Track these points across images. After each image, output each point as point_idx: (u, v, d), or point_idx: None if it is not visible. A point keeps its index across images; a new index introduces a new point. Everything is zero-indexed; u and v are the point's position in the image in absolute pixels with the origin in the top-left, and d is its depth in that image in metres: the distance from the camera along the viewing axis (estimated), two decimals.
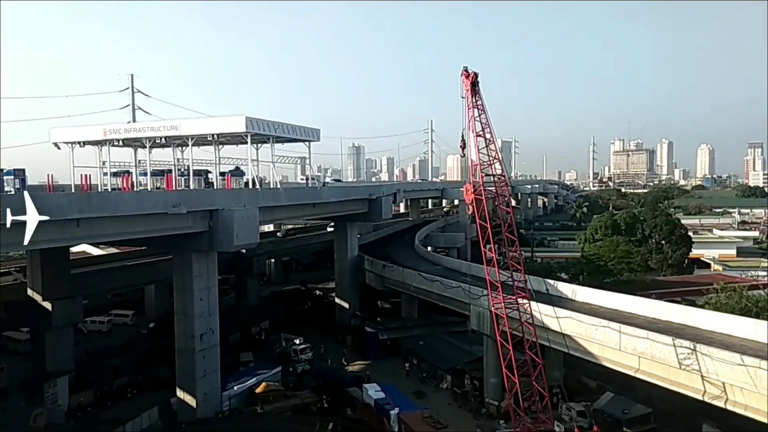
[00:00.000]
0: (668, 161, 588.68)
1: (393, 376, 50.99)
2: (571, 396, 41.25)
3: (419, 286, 58.65)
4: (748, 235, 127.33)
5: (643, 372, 33.40)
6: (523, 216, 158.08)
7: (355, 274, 71.19)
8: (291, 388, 48.12)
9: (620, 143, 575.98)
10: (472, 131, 32.18)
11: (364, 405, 42.94)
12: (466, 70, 32.16)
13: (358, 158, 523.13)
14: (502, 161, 33.44)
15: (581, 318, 36.76)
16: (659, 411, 40.79)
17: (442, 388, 50.03)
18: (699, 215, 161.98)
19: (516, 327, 32.01)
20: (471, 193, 32.17)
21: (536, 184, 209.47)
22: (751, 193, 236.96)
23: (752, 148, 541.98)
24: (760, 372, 26.23)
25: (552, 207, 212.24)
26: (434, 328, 60.75)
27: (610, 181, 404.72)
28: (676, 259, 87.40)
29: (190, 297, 41.44)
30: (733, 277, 71.13)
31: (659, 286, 68.64)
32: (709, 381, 29.01)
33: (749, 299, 53.76)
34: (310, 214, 64.14)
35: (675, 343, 30.45)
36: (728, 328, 33.52)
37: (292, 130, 55.62)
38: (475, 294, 46.16)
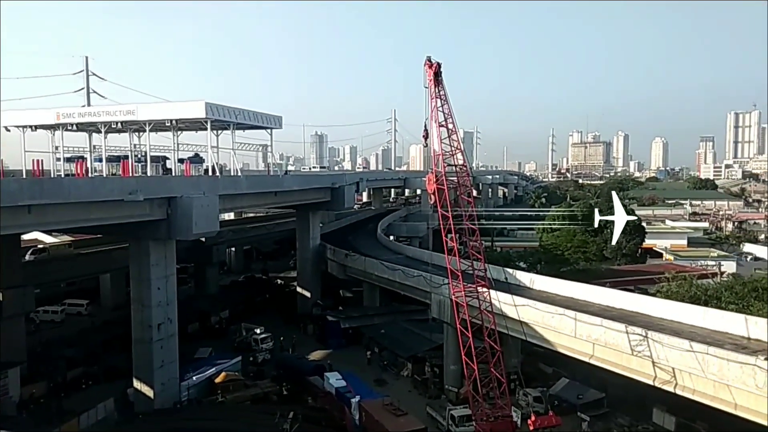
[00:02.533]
0: (624, 153, 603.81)
1: (354, 365, 51.17)
2: (528, 382, 42.26)
3: (381, 275, 58.90)
4: (698, 226, 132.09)
5: (597, 358, 34.42)
6: (484, 206, 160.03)
7: (317, 263, 70.95)
8: (251, 377, 47.80)
9: (578, 135, 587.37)
10: (435, 121, 32.31)
11: (325, 393, 43.00)
12: (429, 60, 32.21)
13: (320, 147, 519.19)
14: (464, 152, 33.70)
15: (538, 306, 37.58)
16: (612, 396, 42.22)
17: (402, 375, 50.48)
18: (652, 206, 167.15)
19: (476, 315, 32.50)
20: (433, 183, 32.35)
21: (497, 174, 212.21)
22: (702, 186, 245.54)
23: (704, 141, 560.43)
24: (708, 358, 27.30)
25: (512, 197, 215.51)
26: (396, 316, 61.15)
27: (568, 172, 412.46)
28: (630, 249, 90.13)
29: (148, 286, 40.60)
30: (684, 267, 73.74)
31: (614, 274, 70.65)
32: (660, 366, 30.08)
33: (699, 288, 55.87)
34: (272, 203, 63.55)
35: (628, 330, 31.43)
36: (678, 316, 34.71)
37: (254, 116, 54.86)
38: (436, 283, 46.62)
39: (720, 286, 58.03)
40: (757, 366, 25.18)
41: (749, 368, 25.47)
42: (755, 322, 31.25)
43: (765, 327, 30.37)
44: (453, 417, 37.73)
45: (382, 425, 35.40)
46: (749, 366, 25.50)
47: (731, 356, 26.62)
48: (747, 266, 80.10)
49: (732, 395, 26.90)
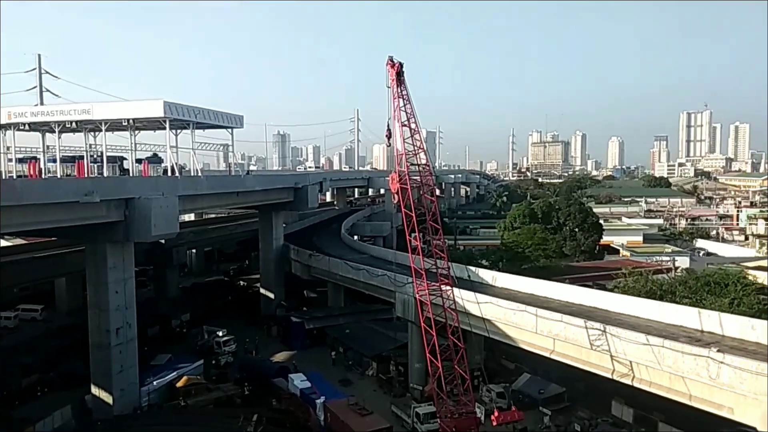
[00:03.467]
0: (582, 152, 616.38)
1: (319, 365, 50.99)
2: (491, 378, 42.78)
3: (345, 275, 58.80)
4: (653, 222, 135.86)
5: (557, 353, 35.14)
6: (447, 205, 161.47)
7: (281, 263, 70.40)
8: (214, 381, 47.09)
9: (537, 135, 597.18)
10: (398, 121, 32.39)
11: (289, 395, 42.70)
12: (391, 59, 32.27)
13: (283, 146, 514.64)
14: (427, 151, 33.90)
15: (501, 303, 38.15)
16: (573, 390, 43.18)
17: (367, 375, 50.54)
18: (609, 204, 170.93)
19: (439, 313, 32.74)
20: (397, 183, 32.43)
21: (459, 173, 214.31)
22: (656, 183, 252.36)
23: (658, 140, 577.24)
24: (663, 351, 28.17)
25: (474, 196, 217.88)
26: (360, 316, 61.15)
27: (528, 171, 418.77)
28: (588, 246, 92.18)
29: (105, 290, 39.56)
30: (640, 262, 75.64)
31: (573, 271, 72.03)
32: (618, 360, 30.89)
33: (654, 283, 57.51)
34: (233, 203, 62.78)
35: (587, 325, 32.17)
36: (635, 310, 35.72)
37: (214, 115, 54.10)
38: (400, 282, 46.80)
39: (674, 280, 59.86)
40: (710, 358, 26.12)
41: (703, 360, 26.39)
42: (708, 315, 32.41)
43: (717, 320, 31.54)
44: (418, 414, 37.98)
45: (347, 425, 35.38)
46: (703, 358, 26.42)
47: (686, 349, 27.55)
48: (700, 261, 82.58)
49: (687, 386, 27.83)
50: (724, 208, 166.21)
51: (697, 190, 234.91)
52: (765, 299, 54.81)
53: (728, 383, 25.39)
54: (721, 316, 32.03)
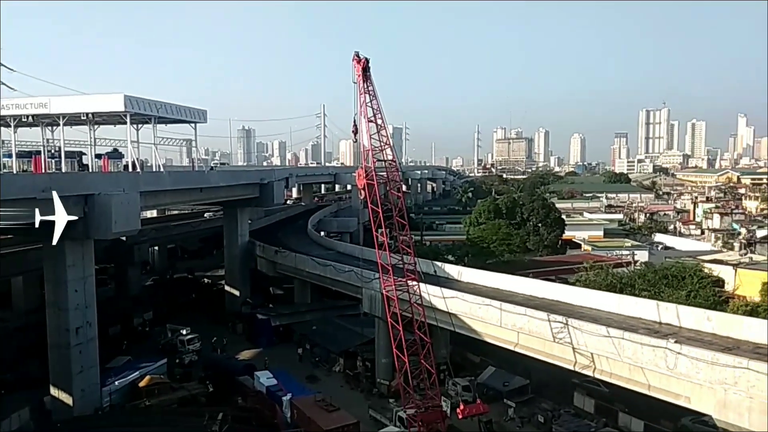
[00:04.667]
0: (545, 149, 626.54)
1: (286, 362, 50.71)
2: (456, 372, 43.25)
3: (312, 271, 58.55)
4: (613, 217, 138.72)
5: (521, 346, 35.74)
6: (413, 201, 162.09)
7: (246, 260, 69.67)
8: (178, 380, 46.39)
9: (502, 132, 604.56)
10: (364, 117, 32.33)
11: (255, 393, 42.38)
12: (357, 55, 32.16)
13: (248, 142, 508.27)
14: (393, 147, 33.93)
15: (466, 297, 38.57)
16: (536, 382, 44.00)
17: (334, 371, 50.48)
18: (571, 199, 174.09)
19: (406, 308, 32.89)
20: (363, 179, 32.37)
21: (425, 170, 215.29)
22: (616, 179, 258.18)
23: (618, 137, 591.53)
24: (623, 342, 28.92)
25: (440, 192, 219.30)
26: (327, 312, 61.00)
27: (493, 167, 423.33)
28: (551, 241, 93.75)
29: (64, 288, 38.53)
30: (601, 257, 77.31)
31: (536, 265, 73.19)
32: (580, 352, 31.58)
33: (614, 276, 59.02)
34: (197, 200, 61.84)
35: (550, 318, 32.80)
36: (596, 303, 36.55)
37: (176, 110, 53.14)
38: (367, 277, 46.83)
39: (634, 274, 61.51)
40: (668, 349, 26.91)
41: (661, 351, 27.19)
42: (666, 307, 33.40)
43: (675, 312, 32.53)
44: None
45: (314, 422, 35.32)
46: (661, 349, 27.21)
47: (645, 340, 28.34)
48: (658, 255, 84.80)
49: (646, 377, 28.63)
50: (681, 204, 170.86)
51: (655, 186, 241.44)
52: (720, 291, 56.88)
53: (685, 373, 26.20)
54: (678, 308, 33.06)
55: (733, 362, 24.45)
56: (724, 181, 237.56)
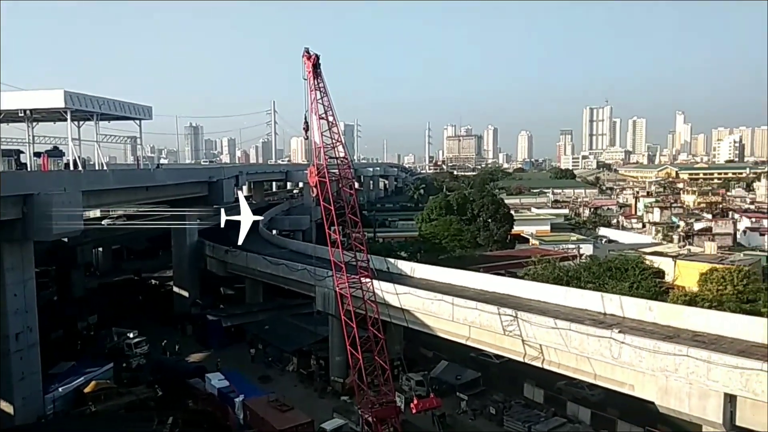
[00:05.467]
0: (494, 146, 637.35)
1: (238, 363, 50.03)
2: (410, 367, 43.59)
3: (264, 270, 57.85)
4: (559, 212, 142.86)
5: (473, 340, 36.37)
6: (366, 198, 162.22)
7: (195, 260, 68.25)
8: (125, 384, 45.01)
9: (452, 129, 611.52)
10: (315, 114, 32.13)
11: (207, 395, 41.67)
12: (307, 51, 31.91)
13: (196, 139, 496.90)
14: (345, 144, 33.88)
15: (419, 293, 38.93)
16: (487, 374, 44.88)
17: (288, 370, 50.12)
18: (519, 195, 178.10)
19: (359, 305, 32.93)
20: (315, 176, 32.19)
21: (378, 167, 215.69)
22: (562, 175, 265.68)
23: (564, 135, 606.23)
24: (570, 333, 29.80)
25: (392, 189, 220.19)
26: (280, 311, 60.40)
27: (444, 164, 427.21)
28: (500, 236, 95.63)
29: (2, 292, 36.77)
30: (548, 251, 79.41)
31: (487, 260, 74.45)
32: (529, 344, 32.37)
33: (561, 269, 60.78)
34: (143, 199, 60.01)
35: (500, 311, 33.47)
36: (544, 296, 37.47)
37: (120, 106, 51.55)
38: (320, 275, 46.66)
39: (579, 267, 63.53)
40: (612, 339, 27.91)
41: (606, 341, 28.17)
42: (610, 298, 34.59)
43: (618, 303, 33.71)
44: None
45: (267, 422, 35.02)
46: (606, 339, 28.20)
47: (590, 331, 29.29)
48: (602, 248, 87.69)
49: (592, 366, 29.61)
50: (623, 198, 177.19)
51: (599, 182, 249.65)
52: (661, 282, 59.37)
53: (629, 362, 27.24)
54: (621, 299, 34.27)
55: (673, 350, 25.55)
56: (664, 177, 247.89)
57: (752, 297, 50.59)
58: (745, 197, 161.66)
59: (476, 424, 39.46)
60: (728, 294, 50.86)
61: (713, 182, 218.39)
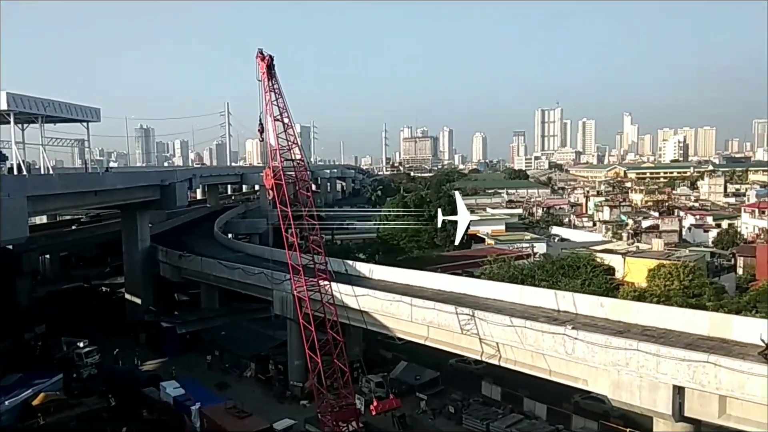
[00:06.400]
0: (449, 147, 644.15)
1: (194, 371, 49.11)
2: (370, 368, 43.69)
3: (220, 275, 56.90)
4: (514, 212, 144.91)
5: (431, 339, 36.68)
6: (323, 200, 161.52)
7: (148, 266, 66.58)
8: (76, 395, 43.51)
9: (408, 131, 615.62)
10: (270, 115, 31.87)
11: (162, 404, 40.73)
12: (261, 52, 31.65)
13: (147, 141, 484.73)
14: (301, 146, 33.71)
15: (377, 294, 39.03)
16: (446, 374, 45.34)
17: (246, 376, 49.50)
18: (475, 196, 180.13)
19: (318, 308, 32.82)
20: (271, 178, 31.92)
21: (335, 168, 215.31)
22: (516, 176, 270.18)
23: (517, 136, 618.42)
24: (526, 331, 30.38)
25: (350, 191, 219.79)
26: (237, 316, 59.64)
27: (401, 165, 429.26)
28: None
29: None
30: (503, 250, 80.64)
31: (444, 260, 75.20)
32: (486, 342, 32.86)
33: (516, 268, 61.97)
34: (92, 203, 58.45)
35: (457, 311, 33.87)
36: (500, 294, 38.19)
37: (66, 108, 50.00)
38: (277, 279, 46.22)
39: (533, 265, 64.88)
40: (566, 335, 28.61)
41: (560, 337, 28.85)
42: (563, 296, 35.47)
43: (571, 300, 34.62)
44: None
45: (225, 430, 34.44)
46: (560, 335, 28.88)
47: (545, 328, 29.96)
48: (555, 246, 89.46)
49: (547, 363, 30.27)
50: (574, 198, 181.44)
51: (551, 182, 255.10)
52: (611, 279, 61.18)
53: (582, 357, 27.97)
54: (574, 296, 35.22)
55: (624, 345, 26.36)
56: (613, 176, 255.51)
57: (697, 291, 52.66)
58: (689, 195, 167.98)
59: (436, 424, 39.78)
60: (675, 289, 52.78)
61: (659, 181, 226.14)
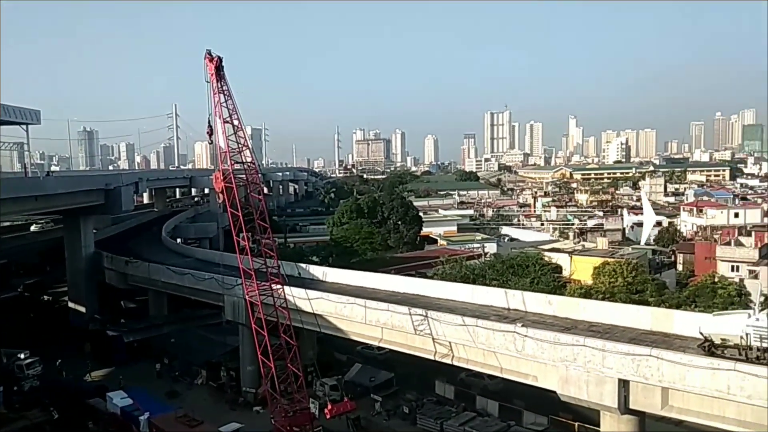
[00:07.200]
0: (402, 150, 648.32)
1: (143, 380, 47.68)
2: (324, 372, 43.47)
3: (168, 281, 55.52)
4: (465, 213, 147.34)
5: (385, 341, 36.86)
6: (276, 203, 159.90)
7: (92, 273, 64.40)
8: (17, 409, 41.71)
9: (361, 133, 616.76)
10: (219, 117, 31.39)
11: (108, 415, 39.45)
12: (209, 53, 31.15)
13: (90, 144, 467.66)
14: (252, 149, 33.32)
15: (331, 297, 38.94)
16: (400, 375, 45.60)
17: (197, 384, 48.47)
18: (427, 197, 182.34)
19: (271, 312, 32.48)
20: (221, 181, 31.42)
21: (287, 171, 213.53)
22: (467, 178, 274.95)
23: (467, 138, 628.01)
24: (477, 329, 30.85)
25: (303, 194, 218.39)
26: (187, 323, 58.36)
27: (353, 168, 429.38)
28: (410, 237, 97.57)
29: None
30: (455, 251, 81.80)
31: (397, 262, 75.76)
32: (439, 342, 33.20)
33: (467, 268, 62.96)
34: (32, 209, 56.13)
35: (411, 312, 34.10)
36: (452, 295, 38.73)
37: (4, 110, 47.93)
38: (229, 284, 45.47)
39: (484, 265, 66.05)
40: (516, 333, 29.23)
41: (510, 335, 29.46)
42: (513, 294, 36.25)
43: (521, 298, 35.41)
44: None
45: None
46: (510, 333, 29.49)
47: (496, 326, 30.52)
48: (505, 246, 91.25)
49: (498, 360, 30.84)
50: (523, 198, 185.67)
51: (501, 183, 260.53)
52: (559, 277, 62.87)
53: (532, 354, 28.62)
54: (524, 294, 36.04)
55: (572, 341, 27.15)
56: (559, 177, 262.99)
57: (640, 288, 54.74)
58: (632, 195, 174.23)
59: (390, 425, 39.95)
60: (619, 286, 54.71)
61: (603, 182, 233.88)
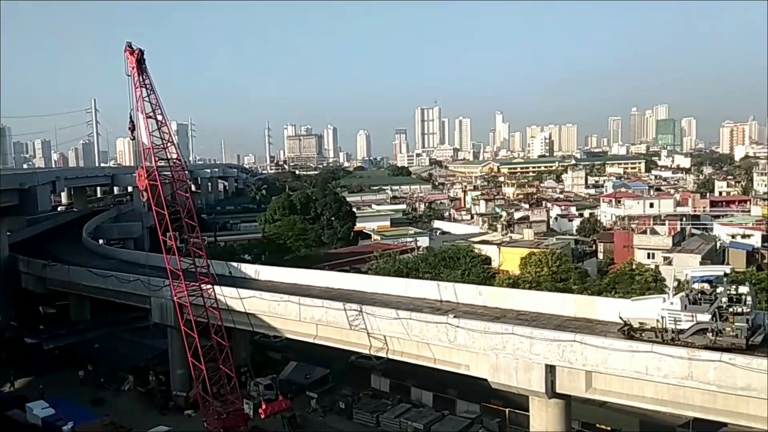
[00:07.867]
0: (334, 145, 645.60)
1: (66, 388, 45.43)
2: (259, 371, 42.91)
3: (90, 284, 53.00)
4: (398, 208, 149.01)
5: (321, 337, 36.73)
6: (204, 201, 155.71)
7: (7, 278, 60.60)
8: None
9: (292, 128, 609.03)
10: (142, 112, 30.28)
11: (29, 427, 37.44)
12: (130, 45, 29.99)
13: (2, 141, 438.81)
14: (178, 145, 32.36)
15: (264, 296, 38.39)
16: (336, 370, 45.63)
17: (124, 390, 46.65)
18: (360, 193, 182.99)
19: (201, 313, 31.71)
20: (145, 179, 30.33)
21: (216, 168, 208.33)
22: (399, 173, 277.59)
23: (399, 134, 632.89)
24: (411, 322, 31.26)
25: (233, 190, 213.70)
26: (112, 327, 56.09)
27: (285, 164, 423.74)
28: (344, 233, 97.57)
29: None
30: (389, 245, 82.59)
31: (332, 258, 75.61)
32: (374, 336, 33.44)
33: (401, 262, 63.69)
34: None
35: (345, 307, 34.13)
36: (387, 289, 39.06)
37: None
38: (155, 285, 43.96)
39: (417, 258, 67.01)
40: (448, 324, 29.86)
41: (443, 326, 30.06)
42: (445, 286, 37.01)
43: (453, 290, 36.19)
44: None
45: None
46: (442, 324, 30.09)
47: (429, 318, 31.08)
48: (437, 240, 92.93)
49: (432, 352, 31.41)
50: (453, 192, 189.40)
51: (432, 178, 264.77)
52: (488, 268, 64.69)
53: (464, 344, 29.32)
54: (455, 286, 36.88)
55: (501, 329, 28.02)
56: (487, 171, 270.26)
57: (564, 276, 57.16)
58: (555, 188, 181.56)
59: (327, 421, 39.89)
60: (545, 275, 56.90)
61: (529, 175, 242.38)
